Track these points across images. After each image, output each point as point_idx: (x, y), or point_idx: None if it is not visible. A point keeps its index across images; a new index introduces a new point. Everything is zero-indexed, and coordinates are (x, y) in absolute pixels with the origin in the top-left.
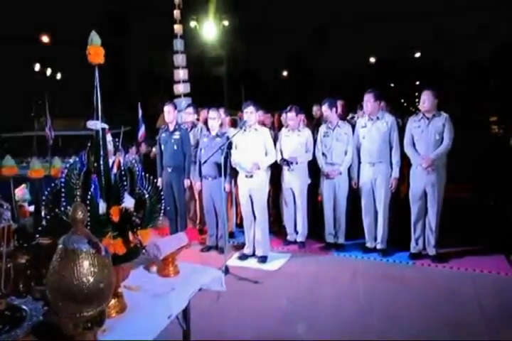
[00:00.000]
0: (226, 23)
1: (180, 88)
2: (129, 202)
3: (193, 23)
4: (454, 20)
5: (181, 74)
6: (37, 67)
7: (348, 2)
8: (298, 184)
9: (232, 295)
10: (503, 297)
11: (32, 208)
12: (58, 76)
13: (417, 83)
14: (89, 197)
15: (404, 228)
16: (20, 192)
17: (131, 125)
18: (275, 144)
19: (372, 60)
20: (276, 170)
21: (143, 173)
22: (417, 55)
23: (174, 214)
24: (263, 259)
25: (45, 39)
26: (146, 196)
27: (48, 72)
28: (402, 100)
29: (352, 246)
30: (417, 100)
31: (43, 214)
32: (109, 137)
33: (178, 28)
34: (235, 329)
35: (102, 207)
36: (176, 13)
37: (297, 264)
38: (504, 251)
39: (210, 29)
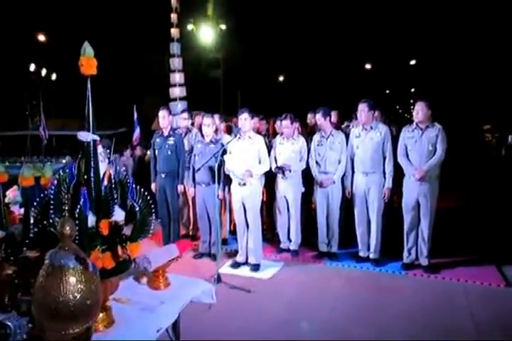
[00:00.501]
0: (223, 26)
1: (176, 92)
2: (119, 215)
3: (190, 26)
4: (450, 28)
5: (177, 77)
6: (32, 67)
7: (346, 8)
8: (292, 192)
9: (223, 304)
10: (494, 308)
11: (23, 210)
12: (53, 76)
13: (412, 90)
14: (78, 210)
15: (398, 237)
16: (12, 193)
17: (127, 126)
18: (269, 151)
19: (368, 66)
20: (270, 178)
21: (134, 185)
22: (413, 62)
23: (167, 219)
24: (256, 267)
25: (41, 38)
26: (137, 209)
27: (43, 72)
28: (397, 106)
29: (345, 255)
30: (412, 107)
31: (32, 220)
32: (100, 149)
33: (174, 31)
34: (226, 339)
35: (92, 220)
36: (173, 16)
37: (290, 273)
38: (495, 261)
39: (207, 32)
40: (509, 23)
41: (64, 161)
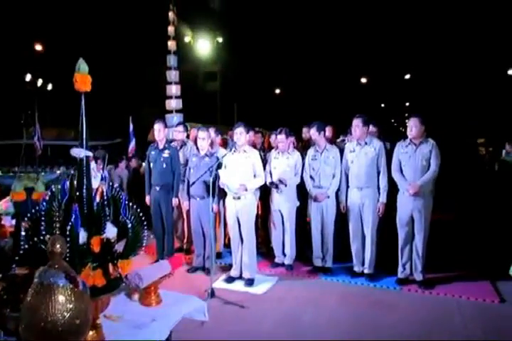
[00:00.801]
0: (220, 39)
1: (172, 104)
2: (111, 232)
3: (187, 39)
4: (444, 43)
5: (174, 89)
6: (28, 77)
7: (342, 23)
8: (286, 206)
9: (217, 320)
10: (488, 324)
11: (14, 222)
12: (49, 86)
13: (407, 104)
14: (69, 227)
15: (392, 252)
16: (5, 205)
17: (123, 137)
18: (264, 165)
19: (363, 80)
20: (265, 191)
21: (126, 202)
22: (407, 76)
23: (161, 232)
24: (250, 282)
25: (38, 48)
26: (129, 225)
27: (39, 82)
28: (392, 120)
29: (340, 269)
30: (406, 121)
31: (22, 233)
32: (92, 164)
33: (172, 44)
34: None
35: (83, 236)
36: (171, 29)
37: (284, 288)
38: (490, 277)
39: (204, 45)
40: (500, 38)
41: (58, 172)
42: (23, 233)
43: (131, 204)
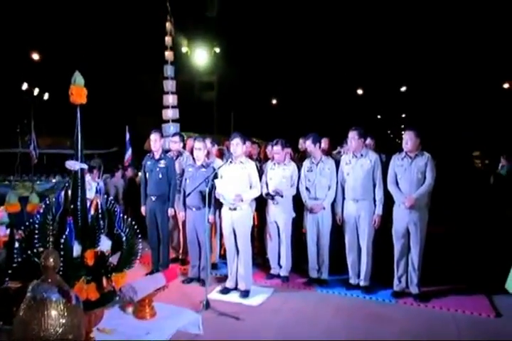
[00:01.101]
0: (217, 49)
1: (169, 113)
2: (105, 245)
3: (184, 49)
4: (440, 56)
5: (170, 99)
6: (24, 86)
7: (339, 34)
8: (282, 217)
9: (212, 331)
10: (484, 338)
11: (8, 231)
12: (46, 96)
13: (403, 115)
14: (63, 240)
15: (388, 265)
16: None
17: (119, 145)
18: (261, 176)
19: (359, 91)
20: (261, 202)
21: (121, 214)
22: (403, 89)
23: (157, 243)
24: (245, 294)
25: (35, 57)
26: (124, 238)
27: (36, 91)
28: (389, 131)
29: (335, 281)
30: (402, 132)
31: (16, 244)
32: (87, 177)
33: (169, 54)
34: None
35: (77, 249)
36: (168, 39)
37: (280, 300)
38: (486, 291)
39: (201, 55)
40: (495, 52)
41: (54, 180)
42: (16, 244)
43: (126, 216)
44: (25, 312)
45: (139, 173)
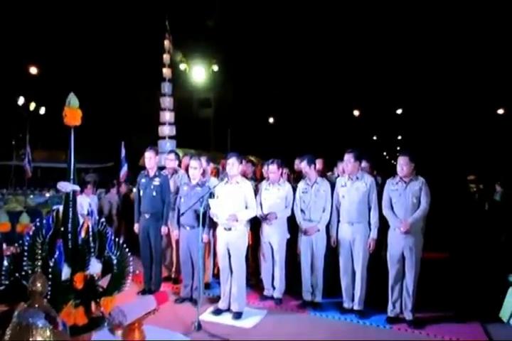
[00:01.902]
0: (215, 67)
1: (165, 130)
2: (95, 268)
3: (182, 66)
4: (436, 79)
5: (167, 116)
6: (21, 100)
7: (336, 56)
8: (276, 238)
9: None
10: None
11: None
12: (42, 110)
13: (399, 137)
14: (52, 263)
15: (383, 289)
16: None
17: (114, 160)
18: (256, 195)
19: (356, 112)
20: (256, 222)
21: (113, 236)
22: (399, 111)
23: (149, 261)
24: (238, 316)
25: (32, 71)
26: (114, 261)
27: (32, 106)
28: (384, 153)
29: (329, 305)
30: (398, 154)
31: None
32: (79, 199)
33: (167, 71)
34: None
35: (66, 272)
36: (166, 57)
37: (273, 322)
38: (480, 318)
39: (199, 72)
40: (490, 78)
41: (47, 195)
42: (6, 263)
43: (118, 238)
44: (11, 338)
45: (133, 189)
